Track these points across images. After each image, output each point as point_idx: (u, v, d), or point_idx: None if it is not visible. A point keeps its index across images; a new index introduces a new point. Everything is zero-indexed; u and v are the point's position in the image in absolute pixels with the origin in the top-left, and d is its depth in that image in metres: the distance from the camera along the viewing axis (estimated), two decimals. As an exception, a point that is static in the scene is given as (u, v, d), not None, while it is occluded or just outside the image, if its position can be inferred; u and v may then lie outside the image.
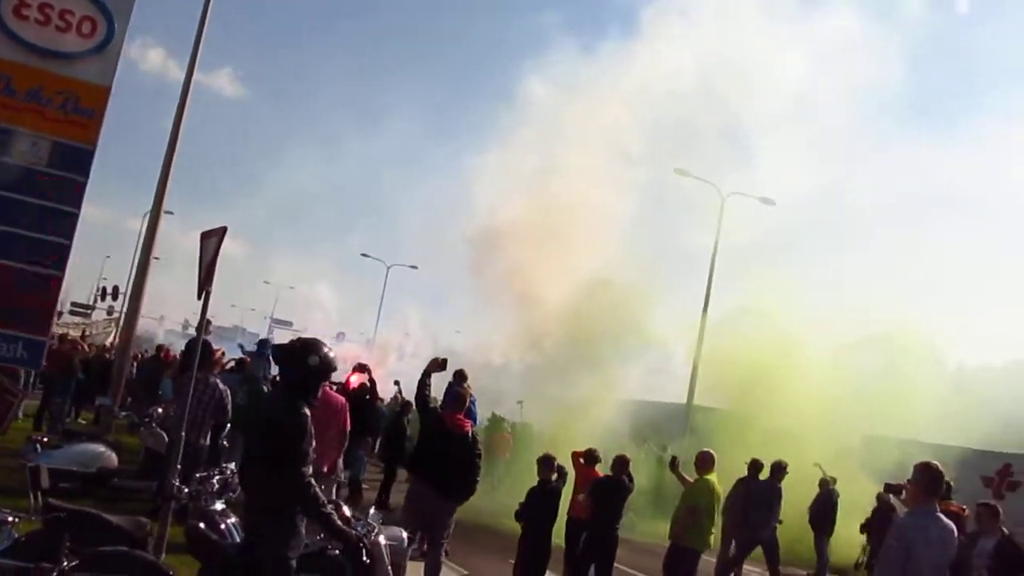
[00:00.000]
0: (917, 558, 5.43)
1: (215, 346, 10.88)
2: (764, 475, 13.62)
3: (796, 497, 15.03)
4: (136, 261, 13.49)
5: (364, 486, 13.91)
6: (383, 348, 33.81)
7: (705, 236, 28.32)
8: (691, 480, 10.33)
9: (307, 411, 5.26)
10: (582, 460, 10.19)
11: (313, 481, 5.21)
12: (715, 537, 10.24)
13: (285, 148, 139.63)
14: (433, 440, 8.55)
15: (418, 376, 8.70)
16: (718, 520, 10.55)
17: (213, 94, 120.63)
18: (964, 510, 10.36)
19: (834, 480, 15.69)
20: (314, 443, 5.38)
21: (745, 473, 13.65)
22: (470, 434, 8.59)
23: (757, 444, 18.24)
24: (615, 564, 9.53)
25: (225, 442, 9.25)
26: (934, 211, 39.20)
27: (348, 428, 9.68)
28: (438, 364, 8.79)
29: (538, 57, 64.73)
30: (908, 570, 5.42)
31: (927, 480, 5.70)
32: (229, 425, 9.99)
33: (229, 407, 9.89)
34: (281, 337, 72.89)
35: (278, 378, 5.93)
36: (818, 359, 22.27)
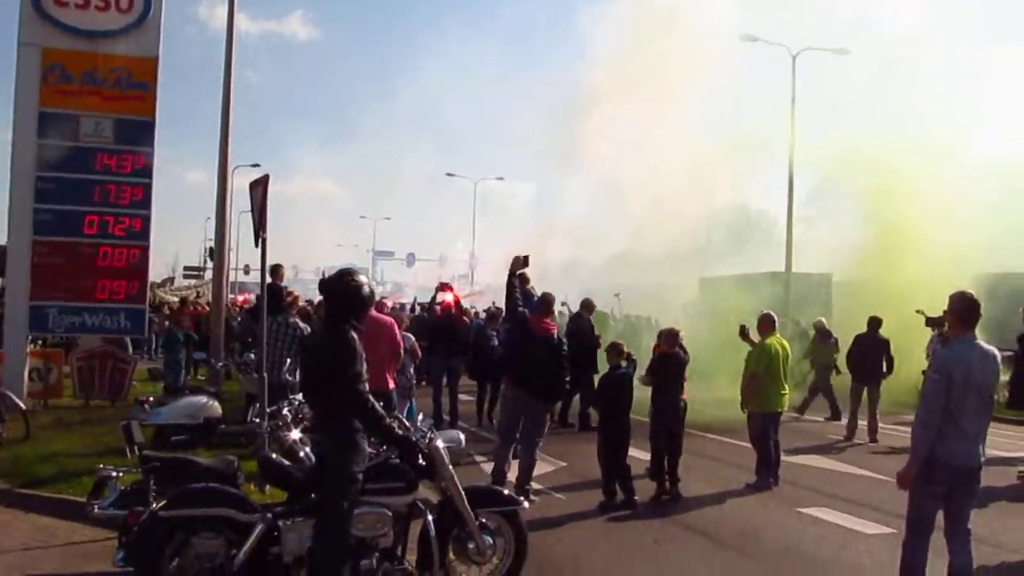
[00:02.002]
0: (958, 387, 5.40)
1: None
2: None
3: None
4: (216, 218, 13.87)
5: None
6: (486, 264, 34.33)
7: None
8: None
9: (353, 334, 5.43)
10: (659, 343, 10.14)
11: (369, 396, 5.42)
12: (787, 397, 10.13)
13: (362, 84, 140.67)
14: (521, 344, 8.81)
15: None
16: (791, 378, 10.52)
17: (287, 40, 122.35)
18: None
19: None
20: (366, 364, 5.57)
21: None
22: (555, 336, 8.77)
23: (869, 302, 17.80)
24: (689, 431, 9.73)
25: (287, 376, 9.62)
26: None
27: (400, 345, 9.72)
28: (521, 262, 8.85)
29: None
30: (951, 399, 5.40)
31: (962, 309, 5.63)
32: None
33: None
34: (386, 267, 75.39)
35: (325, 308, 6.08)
36: (926, 202, 21.31)
